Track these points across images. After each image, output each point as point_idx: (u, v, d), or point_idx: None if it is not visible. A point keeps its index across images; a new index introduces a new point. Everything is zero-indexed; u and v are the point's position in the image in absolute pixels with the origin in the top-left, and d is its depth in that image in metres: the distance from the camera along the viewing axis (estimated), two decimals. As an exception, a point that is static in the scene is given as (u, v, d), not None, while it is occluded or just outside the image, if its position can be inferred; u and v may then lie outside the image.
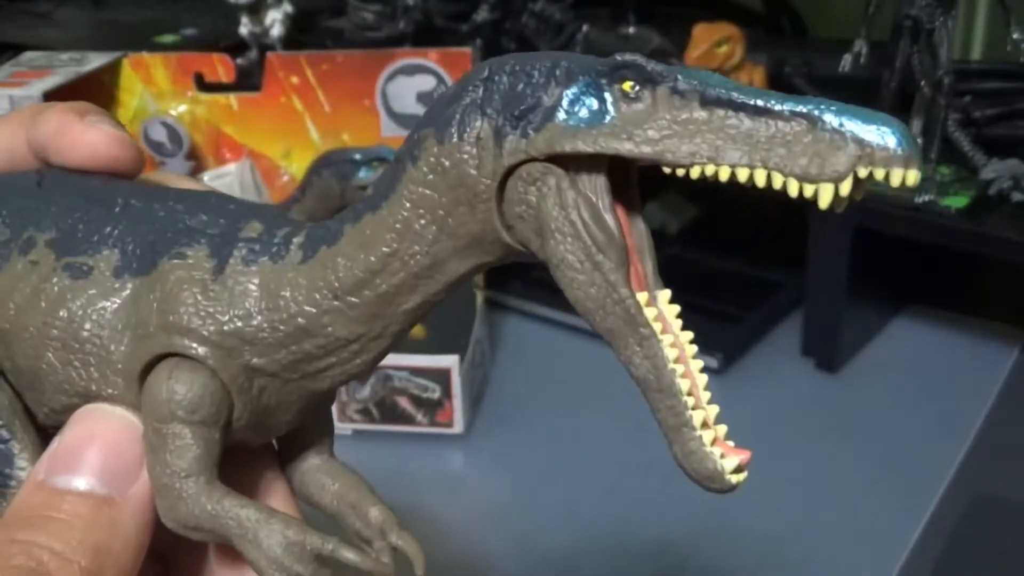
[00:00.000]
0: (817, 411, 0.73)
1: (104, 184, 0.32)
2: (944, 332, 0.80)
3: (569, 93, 0.26)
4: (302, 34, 0.99)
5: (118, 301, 0.30)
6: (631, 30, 0.97)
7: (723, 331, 0.78)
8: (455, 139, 0.27)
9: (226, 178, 0.75)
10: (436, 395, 0.69)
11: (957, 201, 0.69)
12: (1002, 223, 0.68)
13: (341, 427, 0.70)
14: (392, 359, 0.68)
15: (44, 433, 0.31)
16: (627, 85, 0.25)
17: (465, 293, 0.74)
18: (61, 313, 0.30)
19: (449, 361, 0.68)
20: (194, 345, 0.29)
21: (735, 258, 0.88)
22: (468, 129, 0.27)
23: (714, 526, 0.62)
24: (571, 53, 0.27)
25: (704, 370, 0.26)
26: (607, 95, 0.26)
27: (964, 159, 0.73)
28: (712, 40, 0.80)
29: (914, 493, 0.64)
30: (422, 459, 0.69)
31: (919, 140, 0.73)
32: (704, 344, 0.26)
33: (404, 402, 0.69)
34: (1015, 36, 0.68)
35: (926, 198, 0.69)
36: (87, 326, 0.30)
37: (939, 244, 0.71)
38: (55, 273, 0.30)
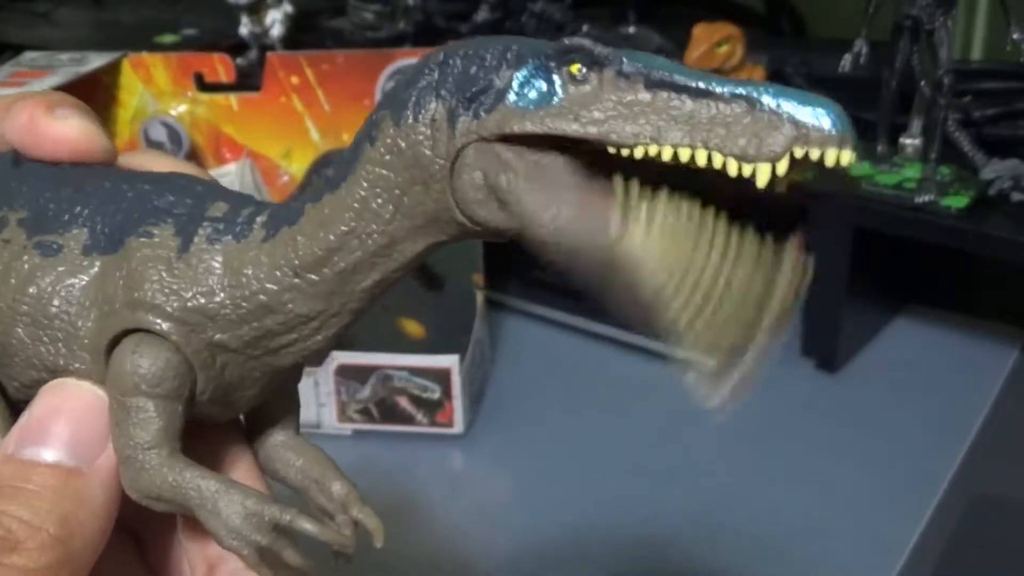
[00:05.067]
0: (817, 411, 0.73)
1: (76, 166, 0.32)
2: (944, 332, 0.80)
3: (519, 76, 0.27)
4: (302, 34, 0.99)
5: (86, 278, 0.31)
6: (631, 30, 0.98)
7: (723, 331, 0.78)
8: (411, 120, 0.28)
9: (226, 178, 0.75)
10: (436, 395, 0.69)
11: (957, 201, 0.69)
12: (1002, 223, 0.68)
13: (341, 427, 0.70)
14: (392, 359, 0.68)
15: (15, 408, 0.32)
16: (575, 68, 0.26)
17: (465, 293, 0.74)
18: (31, 290, 0.30)
19: (449, 361, 0.68)
20: (158, 321, 0.29)
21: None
22: (423, 111, 0.28)
23: (714, 526, 0.62)
24: (523, 37, 0.28)
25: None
26: (555, 77, 0.26)
27: (964, 159, 0.73)
28: (712, 40, 0.80)
29: (914, 493, 0.64)
30: (422, 459, 0.69)
31: (918, 140, 0.73)
32: (704, 344, 0.26)
33: (404, 402, 0.69)
34: (1015, 36, 0.68)
35: (926, 198, 0.69)
36: (56, 302, 0.30)
37: (939, 244, 0.71)
38: (26, 251, 0.31)
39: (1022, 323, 0.79)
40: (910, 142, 0.74)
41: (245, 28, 0.94)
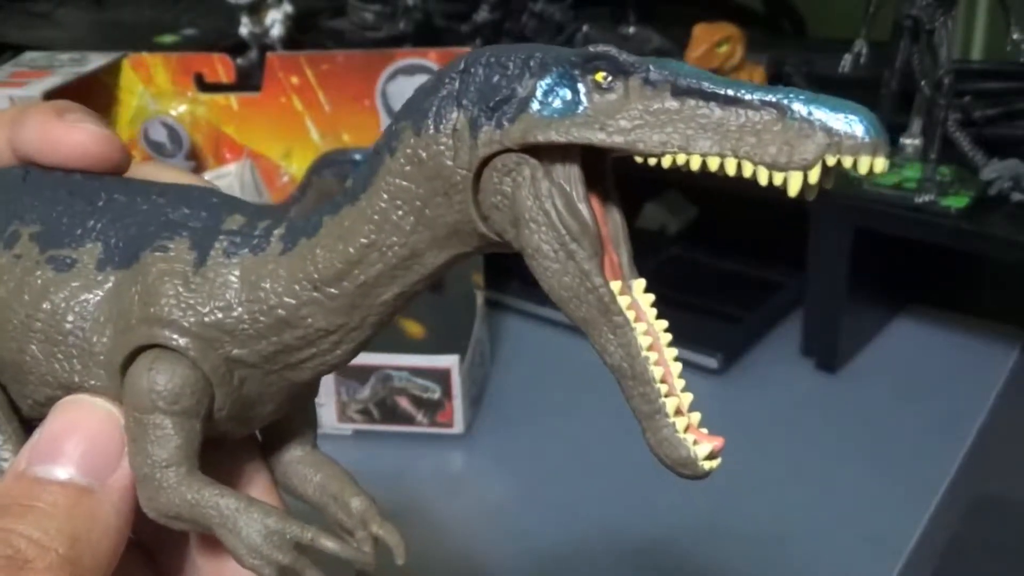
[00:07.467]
0: (817, 411, 0.73)
1: (87, 178, 0.32)
2: (944, 332, 0.80)
3: (543, 84, 0.26)
4: (302, 34, 0.99)
5: (101, 294, 0.30)
6: (631, 30, 0.98)
7: (723, 331, 0.78)
8: (431, 131, 0.27)
9: (226, 178, 0.75)
10: (436, 395, 0.69)
11: (957, 201, 0.69)
12: (1002, 223, 0.68)
13: (341, 427, 0.70)
14: (392, 359, 0.68)
15: (29, 425, 0.32)
16: (600, 76, 0.26)
17: (465, 293, 0.74)
18: (44, 306, 0.30)
19: (449, 361, 0.68)
20: (175, 336, 0.29)
21: (735, 258, 0.88)
22: (444, 121, 0.27)
23: (714, 526, 0.62)
24: (546, 45, 0.28)
25: (703, 370, 0.26)
26: (580, 86, 0.26)
27: (964, 159, 0.73)
28: (712, 40, 0.80)
29: (914, 493, 0.64)
30: (422, 459, 0.69)
31: (918, 140, 0.74)
32: (704, 344, 0.26)
33: (404, 402, 0.69)
34: (1015, 36, 0.68)
35: (926, 198, 0.69)
36: (70, 318, 0.30)
37: (939, 244, 0.71)
38: (39, 266, 0.31)
39: (1022, 323, 0.79)
40: (910, 142, 0.74)
41: (245, 28, 0.94)
